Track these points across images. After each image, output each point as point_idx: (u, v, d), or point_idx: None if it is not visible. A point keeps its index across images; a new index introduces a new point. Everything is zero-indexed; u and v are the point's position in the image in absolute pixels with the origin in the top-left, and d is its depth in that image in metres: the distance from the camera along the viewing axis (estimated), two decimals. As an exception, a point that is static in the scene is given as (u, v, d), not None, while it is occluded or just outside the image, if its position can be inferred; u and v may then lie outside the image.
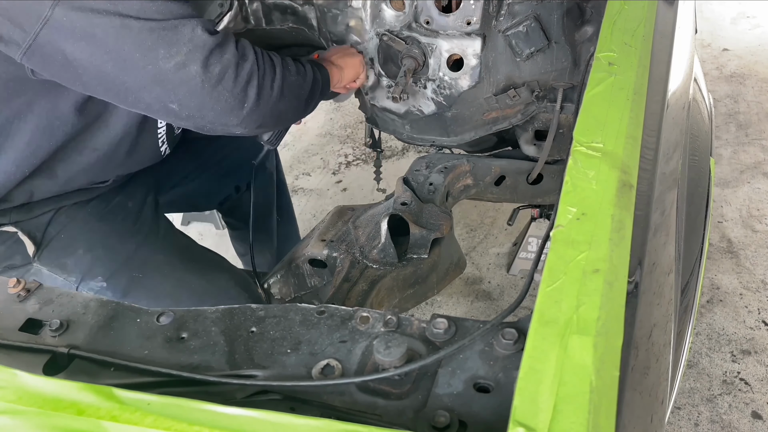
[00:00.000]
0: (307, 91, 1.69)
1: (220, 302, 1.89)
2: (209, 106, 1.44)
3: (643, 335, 1.05)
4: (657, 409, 1.14)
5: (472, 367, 0.99)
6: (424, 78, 2.08)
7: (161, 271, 1.93)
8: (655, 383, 1.13)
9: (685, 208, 1.60)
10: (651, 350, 1.10)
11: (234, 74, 1.44)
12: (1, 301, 1.25)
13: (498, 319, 1.03)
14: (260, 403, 0.99)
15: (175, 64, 1.38)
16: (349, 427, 0.83)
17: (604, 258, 0.98)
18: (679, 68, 1.70)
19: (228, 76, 1.43)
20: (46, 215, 1.84)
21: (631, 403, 0.94)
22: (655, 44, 1.50)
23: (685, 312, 1.66)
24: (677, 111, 1.59)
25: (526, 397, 0.82)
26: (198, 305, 1.88)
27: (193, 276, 1.95)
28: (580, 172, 1.14)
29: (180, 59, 1.38)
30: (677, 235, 1.45)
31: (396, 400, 0.97)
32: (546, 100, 2.07)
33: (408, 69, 2.00)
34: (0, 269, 1.84)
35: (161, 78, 1.39)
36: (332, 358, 1.05)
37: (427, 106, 2.15)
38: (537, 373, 0.84)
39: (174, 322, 1.16)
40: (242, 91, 1.46)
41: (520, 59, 2.00)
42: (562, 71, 2.01)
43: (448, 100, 2.10)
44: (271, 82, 1.53)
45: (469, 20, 1.93)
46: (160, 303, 1.88)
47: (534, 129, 2.20)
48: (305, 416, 0.85)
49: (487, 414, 0.92)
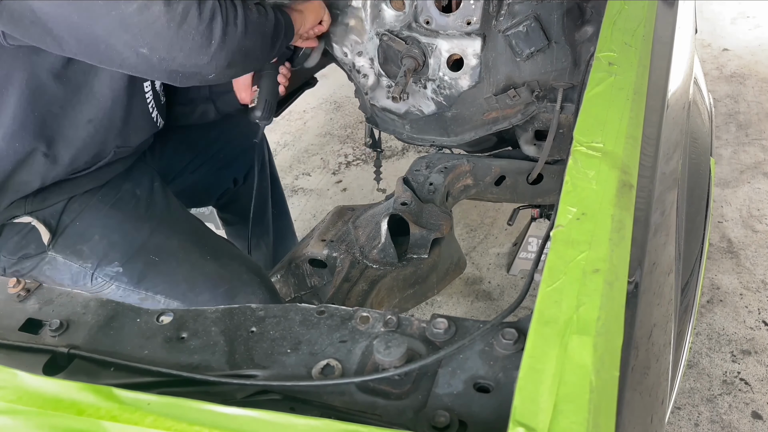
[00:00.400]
0: (270, 29, 1.72)
1: (234, 287, 1.93)
2: (177, 46, 1.47)
3: (643, 335, 1.05)
4: (657, 409, 1.14)
5: (472, 367, 0.99)
6: (424, 78, 2.08)
7: (176, 256, 1.95)
8: (655, 383, 1.13)
9: (685, 208, 1.60)
10: (651, 350, 1.10)
11: (197, 11, 1.46)
12: (1, 301, 1.25)
13: (498, 320, 1.03)
14: (260, 403, 0.99)
15: (138, 7, 1.41)
16: (349, 427, 0.83)
17: (604, 258, 0.98)
18: (680, 68, 1.70)
19: (192, 14, 1.46)
20: (59, 204, 1.87)
21: (631, 403, 0.94)
22: (655, 44, 1.50)
23: (685, 312, 1.66)
24: (677, 111, 1.59)
25: (526, 397, 0.82)
26: (212, 290, 1.93)
27: (207, 260, 1.97)
28: (580, 172, 1.14)
29: (142, 1, 1.40)
30: (677, 235, 1.45)
31: (396, 400, 0.97)
32: (546, 100, 2.06)
33: (408, 69, 2.00)
34: (15, 259, 1.87)
35: (127, 22, 1.42)
36: (332, 358, 1.05)
37: (427, 106, 2.15)
38: (537, 373, 0.84)
39: (174, 322, 1.17)
40: (207, 28, 1.49)
41: (520, 59, 2.00)
42: (562, 71, 2.01)
43: (448, 100, 2.10)
44: (234, 19, 1.56)
45: (469, 20, 1.93)
46: (176, 288, 1.91)
47: (534, 129, 2.20)
48: (305, 416, 0.85)
49: (487, 414, 0.92)
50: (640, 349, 1.03)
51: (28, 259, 1.87)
